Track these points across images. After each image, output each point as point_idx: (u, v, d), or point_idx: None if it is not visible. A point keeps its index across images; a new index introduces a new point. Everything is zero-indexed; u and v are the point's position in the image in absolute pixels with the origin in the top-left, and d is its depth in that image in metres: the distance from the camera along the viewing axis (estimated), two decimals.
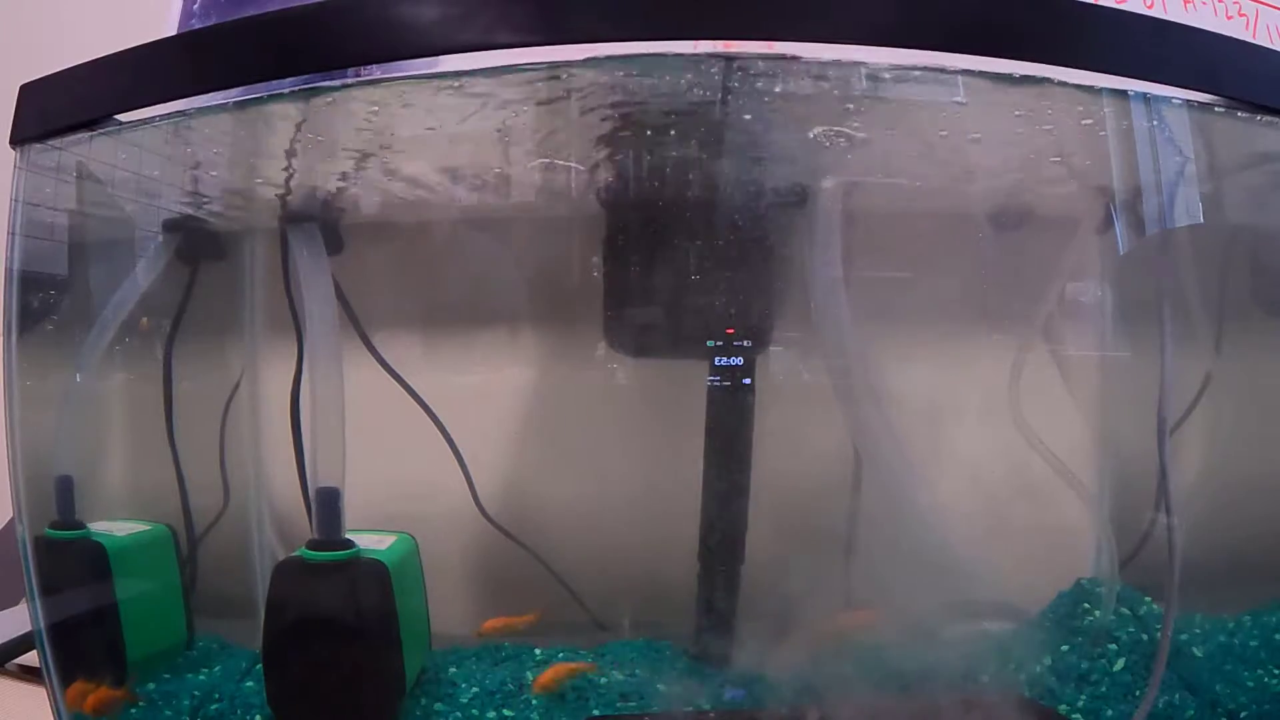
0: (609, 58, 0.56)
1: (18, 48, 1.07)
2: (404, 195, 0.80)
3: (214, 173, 0.77)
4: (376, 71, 0.58)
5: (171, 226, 0.80)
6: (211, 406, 0.87)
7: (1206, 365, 0.80)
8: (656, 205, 0.72)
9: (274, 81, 0.57)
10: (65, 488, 0.71)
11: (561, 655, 0.77)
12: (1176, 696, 0.69)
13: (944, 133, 0.66)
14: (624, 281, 0.74)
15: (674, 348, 0.74)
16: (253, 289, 0.86)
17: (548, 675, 0.71)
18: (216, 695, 0.72)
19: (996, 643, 0.74)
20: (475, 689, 0.73)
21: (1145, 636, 0.76)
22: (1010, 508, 0.71)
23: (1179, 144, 0.64)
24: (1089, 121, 0.64)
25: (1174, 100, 0.61)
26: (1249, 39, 0.69)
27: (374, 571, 0.67)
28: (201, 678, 0.75)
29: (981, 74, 0.56)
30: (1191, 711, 0.69)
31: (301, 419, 0.77)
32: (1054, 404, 0.80)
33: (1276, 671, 0.73)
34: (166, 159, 0.71)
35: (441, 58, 0.55)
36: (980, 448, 0.74)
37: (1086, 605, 0.80)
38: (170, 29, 0.84)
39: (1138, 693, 0.69)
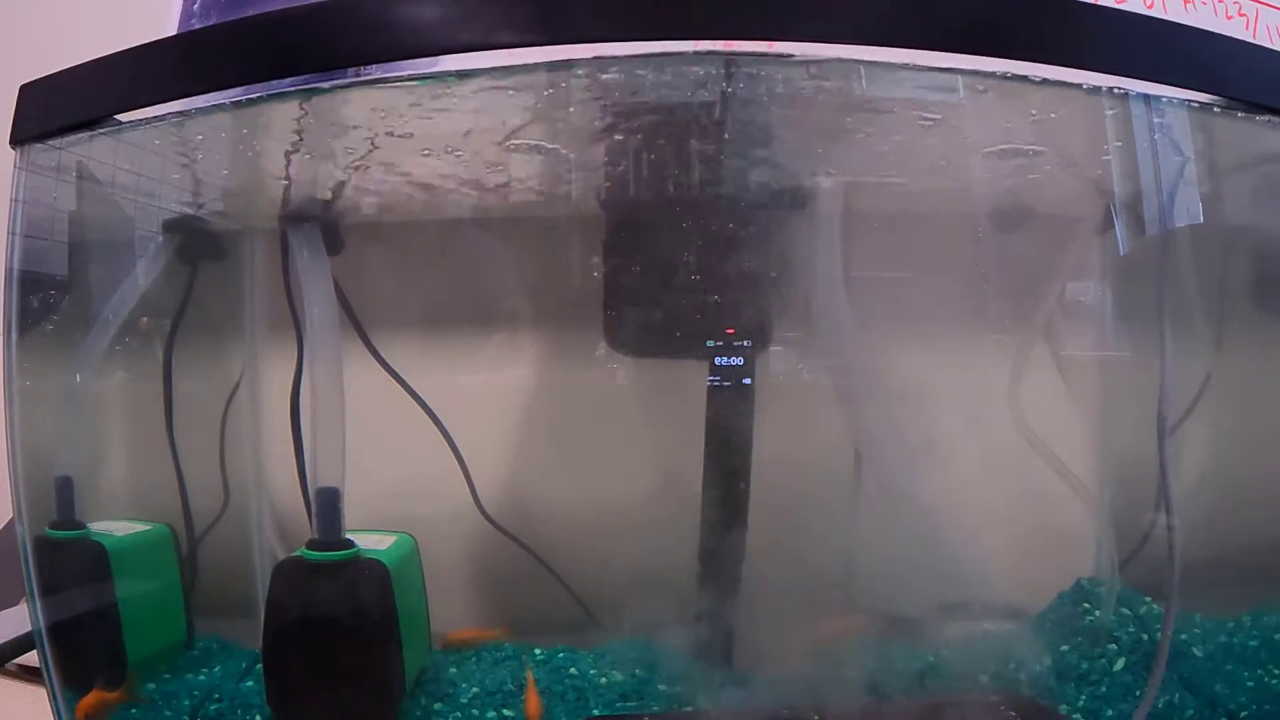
0: (608, 58, 0.56)
1: (18, 48, 1.07)
2: (404, 195, 0.80)
3: (213, 173, 0.77)
4: (376, 71, 0.58)
5: (171, 226, 0.80)
6: (211, 406, 0.87)
7: (1206, 365, 0.79)
8: (656, 205, 0.72)
9: (274, 81, 0.57)
10: (65, 488, 0.71)
11: (562, 655, 0.78)
12: (1176, 696, 0.69)
13: (942, 131, 0.66)
14: (624, 281, 0.74)
15: (674, 348, 0.74)
16: (253, 289, 0.86)
17: (532, 704, 0.71)
18: (216, 695, 0.72)
19: (997, 642, 0.74)
20: (475, 689, 0.73)
21: (1145, 636, 0.76)
22: (1010, 508, 0.71)
23: (1179, 144, 0.64)
24: (1087, 121, 0.64)
25: (1174, 100, 0.60)
26: (1249, 39, 0.69)
27: (374, 571, 0.67)
28: (201, 678, 0.75)
29: (980, 73, 0.56)
30: (1191, 711, 0.69)
31: (301, 419, 0.77)
32: (1054, 404, 0.80)
33: (1276, 671, 0.73)
34: (167, 159, 0.71)
35: (441, 58, 0.55)
36: (980, 448, 0.74)
37: (1086, 605, 0.81)
38: (170, 29, 0.84)
39: (1138, 693, 0.69)
